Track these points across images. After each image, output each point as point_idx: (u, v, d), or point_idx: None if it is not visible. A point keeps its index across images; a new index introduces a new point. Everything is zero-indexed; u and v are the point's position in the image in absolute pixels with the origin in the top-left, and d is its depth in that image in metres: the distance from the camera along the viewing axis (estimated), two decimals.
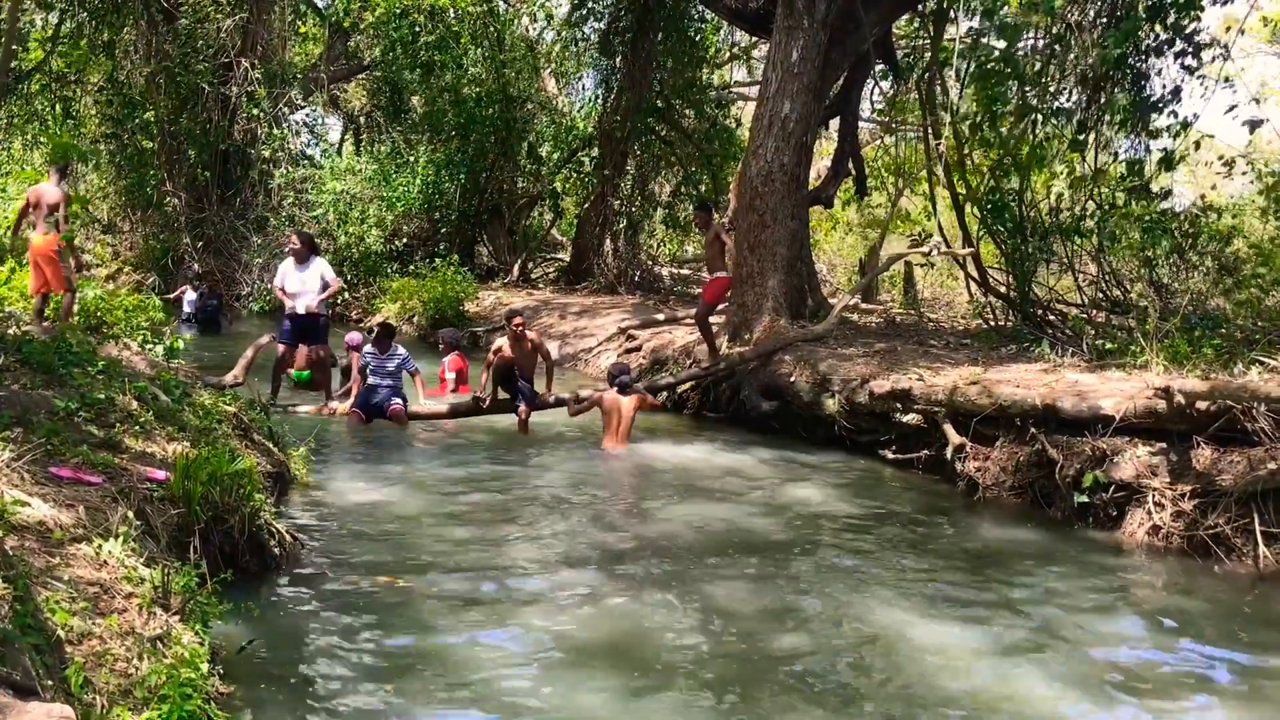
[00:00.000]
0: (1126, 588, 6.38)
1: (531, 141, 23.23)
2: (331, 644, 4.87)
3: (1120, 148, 11.96)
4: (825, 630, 5.34)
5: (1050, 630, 5.47)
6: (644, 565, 6.29)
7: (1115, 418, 7.47)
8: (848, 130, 16.69)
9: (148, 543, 4.69)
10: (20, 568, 3.56)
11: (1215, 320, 10.00)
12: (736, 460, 9.55)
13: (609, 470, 9.16)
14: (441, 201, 22.62)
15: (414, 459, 9.39)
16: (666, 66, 21.03)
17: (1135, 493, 7.26)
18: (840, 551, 6.84)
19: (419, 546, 6.50)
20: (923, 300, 20.25)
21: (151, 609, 4.01)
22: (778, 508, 7.89)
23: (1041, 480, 7.95)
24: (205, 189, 23.23)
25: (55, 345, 7.23)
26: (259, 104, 22.13)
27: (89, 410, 6.01)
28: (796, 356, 11.03)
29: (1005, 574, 6.48)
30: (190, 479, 5.28)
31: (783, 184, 12.69)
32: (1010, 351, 10.68)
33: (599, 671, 4.72)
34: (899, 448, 9.40)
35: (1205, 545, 6.77)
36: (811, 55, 12.60)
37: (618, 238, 22.16)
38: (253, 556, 5.57)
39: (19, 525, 4.10)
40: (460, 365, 12.17)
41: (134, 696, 3.45)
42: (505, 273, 23.21)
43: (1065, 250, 12.52)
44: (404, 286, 19.45)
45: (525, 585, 5.83)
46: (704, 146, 21.72)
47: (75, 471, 4.98)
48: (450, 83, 21.41)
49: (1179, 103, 11.43)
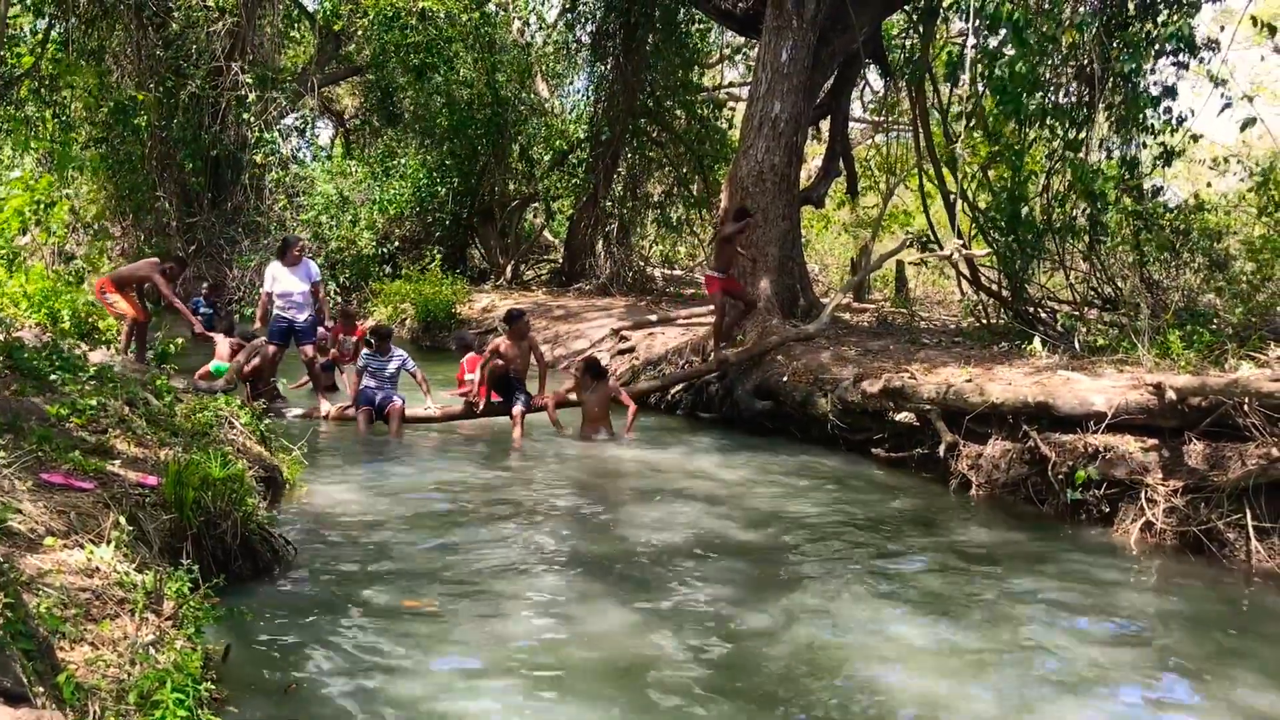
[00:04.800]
0: (1119, 584, 6.38)
1: (523, 144, 23.24)
2: (323, 647, 4.85)
3: (1114, 145, 11.97)
4: (807, 630, 5.32)
5: (1043, 628, 5.46)
6: (634, 569, 6.28)
7: (1107, 414, 7.49)
8: (838, 130, 16.73)
9: (140, 548, 4.67)
10: (11, 574, 3.55)
11: (1206, 316, 10.03)
12: (729, 461, 9.56)
13: (596, 472, 9.14)
14: (433, 204, 22.61)
15: (406, 462, 9.38)
16: (657, 68, 21.06)
17: (1128, 489, 7.29)
18: (828, 551, 6.84)
19: (410, 551, 6.49)
20: (914, 299, 20.28)
21: (144, 614, 4.00)
22: (770, 508, 7.89)
23: (1034, 477, 7.97)
24: (197, 193, 23.21)
25: (46, 351, 7.21)
26: (249, 108, 22.09)
27: (80, 416, 5.99)
28: (789, 356, 11.04)
29: (998, 572, 6.48)
30: (182, 484, 5.26)
31: (773, 184, 12.72)
32: (1002, 349, 10.70)
33: (589, 679, 4.71)
34: (892, 447, 9.40)
35: (1198, 541, 6.78)
36: (801, 55, 12.63)
37: (610, 239, 22.19)
38: (245, 561, 5.55)
39: (10, 532, 4.08)
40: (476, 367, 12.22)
41: (127, 702, 3.43)
42: (497, 275, 23.20)
43: (1057, 247, 12.55)
44: (396, 289, 19.43)
45: (515, 589, 5.82)
46: (695, 147, 21.74)
47: (66, 478, 4.96)
48: (441, 85, 21.40)
49: (1175, 99, 11.48)
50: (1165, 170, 12.19)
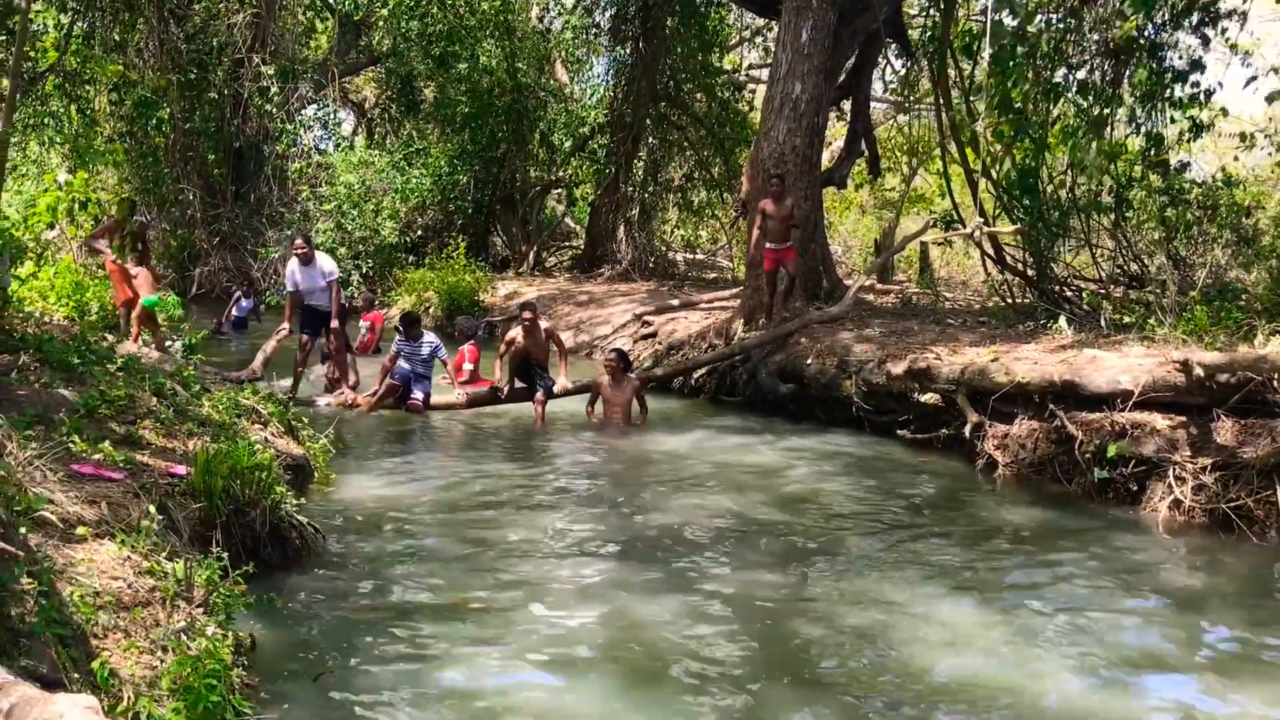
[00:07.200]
0: (1148, 563, 6.35)
1: (543, 130, 23.22)
2: (352, 634, 4.89)
3: (1140, 120, 11.81)
4: (843, 613, 5.33)
5: (1073, 608, 5.45)
6: (662, 554, 6.29)
7: (1134, 392, 7.43)
8: (859, 110, 16.61)
9: (170, 537, 4.72)
10: (44, 563, 3.60)
11: (1235, 292, 9.91)
12: (755, 444, 9.55)
13: (624, 459, 9.15)
14: (455, 192, 22.65)
15: (431, 450, 9.43)
16: (677, 51, 20.97)
17: (1155, 467, 7.23)
18: (858, 533, 6.84)
19: (438, 537, 6.53)
20: (938, 280, 20.16)
21: (175, 602, 4.05)
22: (799, 491, 7.89)
23: (1060, 457, 7.92)
24: (220, 185, 23.35)
25: (75, 344, 7.28)
26: (271, 100, 22.17)
27: (109, 407, 6.05)
28: (812, 338, 11.01)
29: (1026, 552, 6.47)
30: (211, 473, 5.31)
31: (795, 165, 12.64)
32: (1028, 328, 10.63)
33: (613, 663, 4.73)
34: (917, 428, 9.37)
35: (1227, 519, 6.73)
36: (821, 36, 12.54)
37: (631, 224, 22.16)
38: (274, 549, 5.59)
39: (43, 522, 4.14)
40: (476, 355, 12.18)
41: (159, 688, 3.48)
42: (520, 262, 23.22)
43: (1083, 225, 12.43)
44: (419, 278, 19.49)
45: (547, 576, 5.84)
46: (716, 130, 21.65)
47: (97, 468, 5.02)
48: (463, 73, 21.40)
49: (1202, 73, 11.31)
50: (1192, 145, 12.03)
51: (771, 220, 11.71)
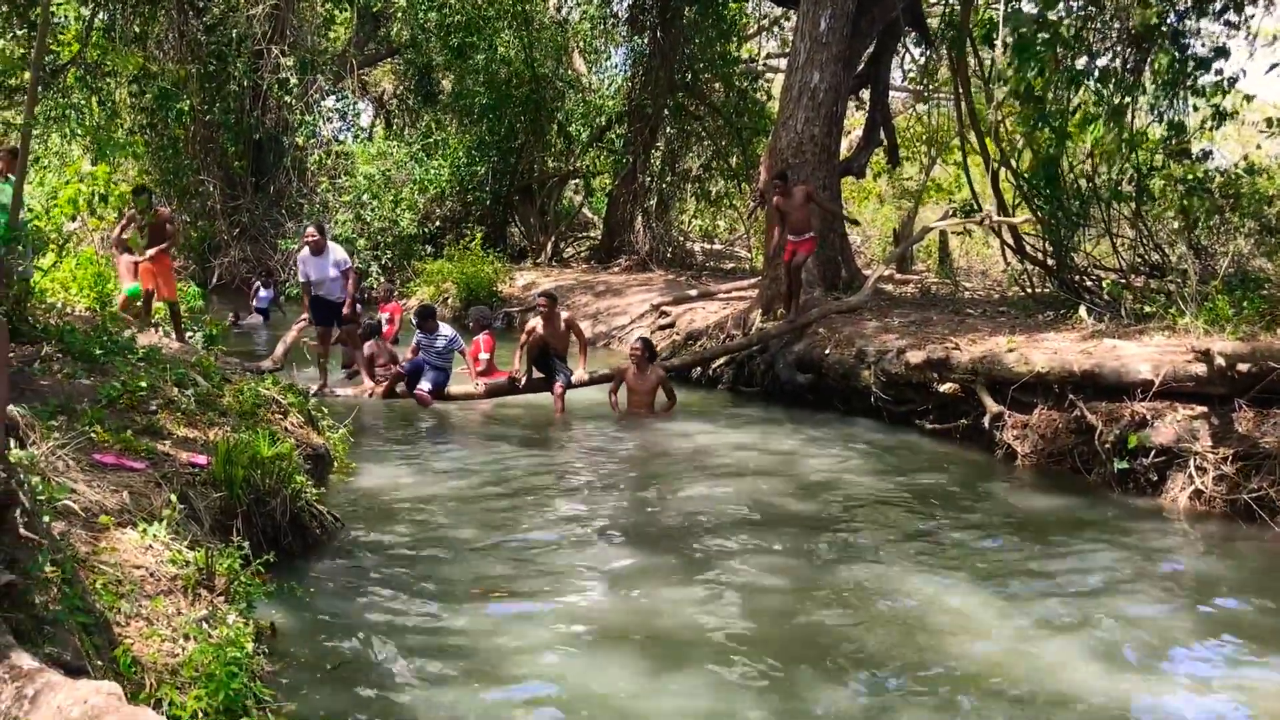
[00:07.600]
0: (1169, 553, 6.32)
1: (561, 120, 23.22)
2: (373, 622, 4.93)
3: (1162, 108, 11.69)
4: (864, 599, 5.33)
5: (1093, 598, 5.43)
6: (683, 541, 6.30)
7: (1155, 382, 7.39)
8: (878, 99, 16.53)
9: (191, 526, 4.75)
10: (67, 552, 3.63)
11: (1257, 281, 9.82)
12: (774, 434, 9.55)
13: (643, 448, 9.17)
14: (473, 183, 22.68)
15: (451, 440, 9.46)
16: (695, 41, 20.91)
17: (1176, 457, 7.19)
18: (878, 522, 6.83)
19: (458, 525, 6.55)
20: (958, 269, 20.06)
21: (196, 590, 4.08)
22: (819, 480, 7.89)
23: (1080, 447, 7.88)
24: (239, 177, 23.47)
25: (97, 334, 7.33)
26: (290, 91, 22.25)
27: (130, 397, 6.09)
28: (831, 328, 10.99)
29: (1046, 542, 6.44)
30: (231, 463, 5.35)
31: (813, 155, 12.61)
32: (1047, 318, 10.57)
33: (635, 649, 4.75)
34: (936, 418, 9.34)
35: (1248, 509, 6.69)
36: (839, 24, 12.48)
37: (649, 214, 22.14)
38: (295, 538, 5.63)
39: (65, 511, 4.18)
40: (492, 345, 12.18)
41: (181, 676, 3.51)
42: (537, 252, 23.24)
43: (1103, 214, 12.34)
44: (438, 269, 19.55)
45: (560, 564, 5.86)
46: (734, 120, 21.60)
47: (118, 458, 5.06)
48: (481, 64, 21.41)
49: (1226, 59, 11.18)
50: (1214, 133, 11.90)
51: (789, 214, 11.64)
